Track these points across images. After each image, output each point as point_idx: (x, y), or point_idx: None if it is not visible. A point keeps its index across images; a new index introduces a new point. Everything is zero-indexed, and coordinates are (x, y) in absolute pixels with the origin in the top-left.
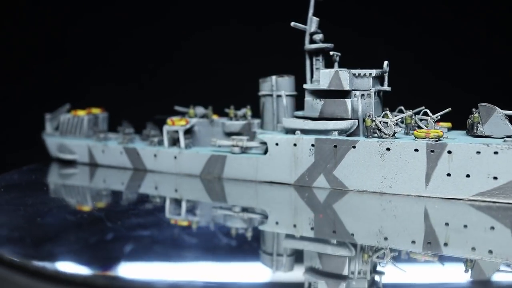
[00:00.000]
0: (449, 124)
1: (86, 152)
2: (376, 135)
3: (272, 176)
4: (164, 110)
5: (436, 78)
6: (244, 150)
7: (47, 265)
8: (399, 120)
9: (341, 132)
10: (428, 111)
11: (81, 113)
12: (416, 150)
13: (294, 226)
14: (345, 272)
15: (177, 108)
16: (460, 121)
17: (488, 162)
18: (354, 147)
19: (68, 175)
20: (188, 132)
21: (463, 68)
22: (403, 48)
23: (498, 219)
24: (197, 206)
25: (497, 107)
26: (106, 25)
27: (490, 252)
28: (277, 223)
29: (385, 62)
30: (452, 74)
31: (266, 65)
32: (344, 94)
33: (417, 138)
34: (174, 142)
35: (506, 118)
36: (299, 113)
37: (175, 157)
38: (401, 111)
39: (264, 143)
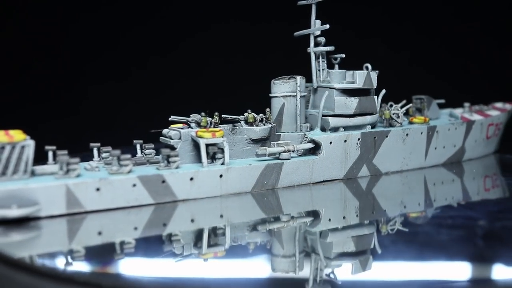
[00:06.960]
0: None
1: (61, 197)
2: (389, 124)
3: (325, 175)
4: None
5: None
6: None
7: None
8: (404, 111)
9: (372, 125)
10: (392, 103)
11: (19, 137)
12: (421, 133)
13: (344, 218)
14: (371, 247)
15: (174, 118)
16: None
17: (453, 135)
18: (387, 136)
19: (15, 244)
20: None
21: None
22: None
23: (454, 173)
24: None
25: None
26: None
27: (452, 197)
28: (329, 219)
29: (369, 65)
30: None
31: (246, 69)
32: (367, 92)
33: (418, 123)
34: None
35: (437, 105)
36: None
37: (221, 176)
38: None
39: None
